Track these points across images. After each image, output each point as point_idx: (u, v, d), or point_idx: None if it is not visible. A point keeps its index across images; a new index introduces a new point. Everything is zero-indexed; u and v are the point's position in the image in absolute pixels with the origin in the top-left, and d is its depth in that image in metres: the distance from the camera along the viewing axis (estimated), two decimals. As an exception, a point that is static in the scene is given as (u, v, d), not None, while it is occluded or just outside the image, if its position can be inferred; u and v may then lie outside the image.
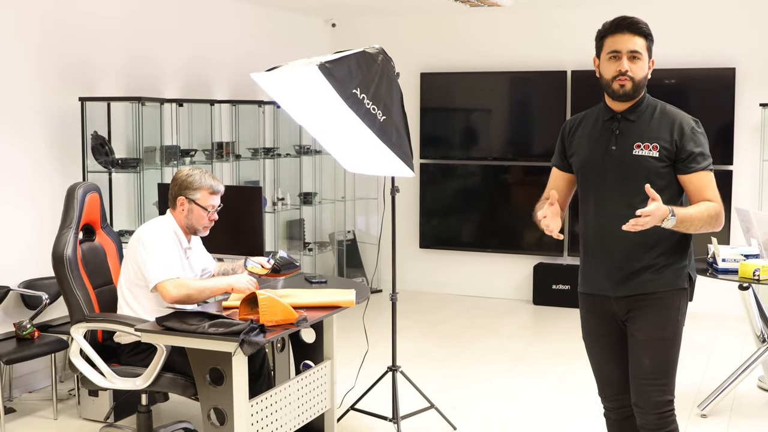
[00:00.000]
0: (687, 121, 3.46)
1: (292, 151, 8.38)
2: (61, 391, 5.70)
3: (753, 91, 7.87)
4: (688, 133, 3.42)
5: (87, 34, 6.31)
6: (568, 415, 5.53)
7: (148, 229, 4.46)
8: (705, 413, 5.38)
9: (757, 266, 5.06)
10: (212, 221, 4.56)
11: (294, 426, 4.38)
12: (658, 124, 3.47)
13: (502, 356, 6.83)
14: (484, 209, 9.10)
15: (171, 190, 4.54)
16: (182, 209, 4.50)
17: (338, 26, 9.40)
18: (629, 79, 3.42)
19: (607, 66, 3.49)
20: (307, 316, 4.06)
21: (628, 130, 3.49)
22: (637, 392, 3.53)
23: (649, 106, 3.52)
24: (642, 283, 3.47)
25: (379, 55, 4.59)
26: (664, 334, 3.48)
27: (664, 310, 3.47)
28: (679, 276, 3.49)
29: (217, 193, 4.55)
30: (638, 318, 3.50)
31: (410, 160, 4.72)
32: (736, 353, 6.40)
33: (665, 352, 3.49)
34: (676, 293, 3.48)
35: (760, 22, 7.88)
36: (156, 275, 4.28)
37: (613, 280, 3.51)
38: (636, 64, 3.44)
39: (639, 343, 3.50)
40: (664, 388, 3.50)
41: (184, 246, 4.54)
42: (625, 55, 3.43)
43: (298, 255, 8.52)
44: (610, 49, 3.47)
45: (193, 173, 4.53)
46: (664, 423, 3.50)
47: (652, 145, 3.42)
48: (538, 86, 8.80)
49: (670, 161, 3.43)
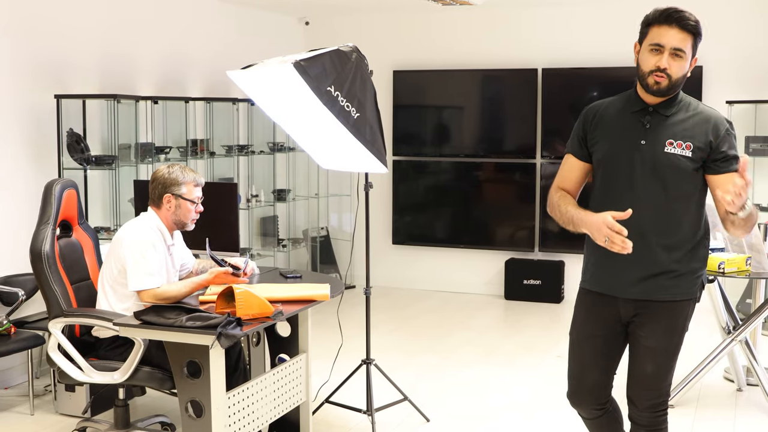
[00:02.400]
0: (722, 121, 3.32)
1: (266, 148, 8.43)
2: (37, 387, 5.73)
3: (719, 89, 8.02)
4: (723, 134, 3.28)
5: (62, 32, 6.33)
6: (539, 406, 5.63)
7: (133, 230, 4.48)
8: (672, 403, 5.48)
9: (722, 259, 5.17)
10: (198, 213, 4.62)
11: (270, 418, 4.45)
12: (693, 122, 3.31)
13: (474, 350, 6.92)
14: (456, 205, 9.19)
15: (154, 189, 4.56)
16: (169, 206, 4.53)
17: (311, 24, 9.46)
18: (666, 77, 3.24)
19: (647, 58, 3.28)
20: (282, 310, 4.12)
21: (659, 126, 3.33)
22: (634, 392, 3.50)
23: (683, 103, 3.36)
24: (657, 288, 3.35)
25: (353, 53, 4.66)
26: (670, 344, 3.42)
27: (674, 319, 3.39)
28: (694, 284, 3.39)
29: (199, 185, 4.62)
30: (646, 325, 3.40)
31: (384, 156, 4.80)
32: (702, 345, 6.51)
33: (669, 361, 3.46)
34: (688, 303, 3.40)
35: (726, 21, 8.03)
36: (137, 283, 4.33)
37: (628, 280, 3.38)
38: (677, 62, 3.25)
39: (644, 349, 3.44)
40: (661, 391, 3.49)
41: (168, 243, 4.59)
42: (668, 51, 3.24)
43: (272, 251, 8.58)
44: (653, 41, 3.26)
45: (173, 170, 4.57)
46: (656, 421, 3.51)
47: (685, 144, 3.28)
48: (510, 84, 8.90)
49: (701, 162, 3.30)
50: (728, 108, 7.84)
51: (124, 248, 4.39)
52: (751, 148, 7.83)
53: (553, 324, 7.81)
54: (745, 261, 5.22)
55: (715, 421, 5.31)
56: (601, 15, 8.34)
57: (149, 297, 4.32)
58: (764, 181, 7.81)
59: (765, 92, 7.94)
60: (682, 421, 5.28)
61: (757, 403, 5.57)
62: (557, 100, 8.64)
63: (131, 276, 4.34)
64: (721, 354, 5.62)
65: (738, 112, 7.94)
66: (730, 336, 5.58)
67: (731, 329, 5.63)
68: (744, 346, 5.56)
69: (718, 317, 5.69)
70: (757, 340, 5.89)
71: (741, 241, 5.33)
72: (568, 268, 8.63)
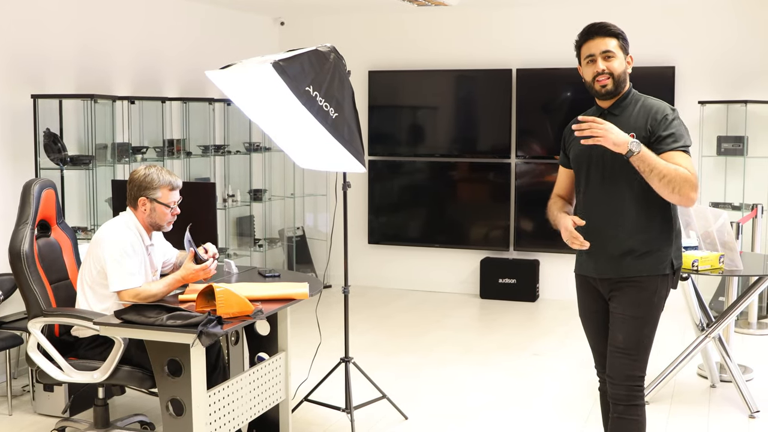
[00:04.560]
0: (663, 109, 3.65)
1: (242, 148, 8.44)
2: (15, 387, 5.71)
3: (692, 89, 8.11)
4: (659, 119, 3.61)
5: (38, 31, 6.32)
6: (515, 403, 5.67)
7: (112, 231, 4.47)
8: (647, 400, 5.51)
9: (696, 257, 5.23)
10: (175, 216, 4.61)
11: (249, 417, 4.47)
12: (637, 114, 3.67)
13: (450, 348, 6.97)
14: (432, 205, 9.23)
15: (130, 191, 4.55)
16: (144, 209, 4.52)
17: (287, 24, 9.47)
18: (608, 76, 3.65)
19: (587, 70, 3.72)
20: (262, 309, 4.15)
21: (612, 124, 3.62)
22: (610, 364, 3.76)
23: (632, 101, 3.74)
24: (624, 267, 3.67)
25: (331, 53, 4.69)
26: (637, 312, 3.68)
27: (640, 291, 3.67)
28: (661, 262, 3.67)
29: (176, 189, 4.58)
30: (616, 298, 3.72)
31: (361, 155, 4.83)
32: (676, 342, 6.59)
33: (638, 330, 3.69)
34: (655, 279, 3.67)
35: (698, 22, 8.13)
36: (118, 283, 4.34)
37: (597, 263, 3.74)
38: (611, 62, 3.66)
39: (614, 319, 3.73)
40: (634, 363, 3.72)
41: (146, 244, 4.59)
42: (599, 57, 3.66)
43: (249, 251, 8.59)
44: (585, 55, 3.71)
45: (149, 172, 4.54)
46: (633, 396, 3.73)
47: (629, 134, 3.55)
48: (484, 84, 8.95)
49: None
50: (700, 108, 7.94)
51: (104, 249, 4.39)
52: (723, 148, 7.93)
53: (528, 322, 7.87)
54: (719, 259, 5.29)
55: (689, 417, 5.38)
56: (575, 16, 8.40)
57: (129, 297, 4.32)
58: (736, 180, 7.92)
59: (736, 92, 8.03)
60: (657, 416, 5.34)
61: (731, 399, 5.64)
62: (532, 101, 8.71)
63: (111, 276, 4.35)
64: (695, 351, 5.68)
65: (710, 112, 8.04)
66: (704, 333, 5.64)
67: (705, 326, 5.69)
68: (717, 343, 5.63)
69: (691, 314, 5.76)
70: (730, 337, 5.97)
71: (714, 239, 5.41)
72: (543, 267, 8.70)
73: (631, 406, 3.73)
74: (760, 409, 5.38)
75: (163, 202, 4.52)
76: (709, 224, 5.41)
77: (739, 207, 7.79)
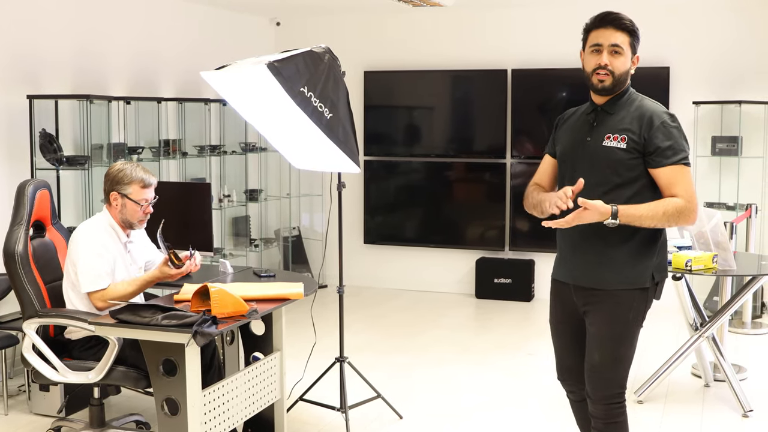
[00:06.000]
0: (659, 114, 3.47)
1: (238, 148, 8.45)
2: (11, 387, 5.72)
3: (686, 90, 8.14)
4: (657, 126, 3.43)
5: (34, 32, 6.32)
6: (510, 403, 5.69)
7: (83, 230, 4.48)
8: (641, 399, 5.57)
9: (689, 257, 5.25)
10: (147, 214, 4.57)
11: (244, 416, 4.48)
12: (631, 116, 3.49)
13: (445, 348, 6.98)
14: (427, 205, 9.24)
15: (104, 185, 4.57)
16: (116, 204, 4.52)
17: (283, 25, 9.48)
18: (609, 73, 3.48)
19: (589, 59, 3.53)
20: (257, 308, 4.16)
21: (603, 123, 3.53)
22: (587, 381, 3.62)
23: (629, 100, 3.56)
24: (599, 277, 3.51)
25: (325, 54, 4.70)
26: (613, 330, 3.52)
27: (615, 307, 3.50)
28: (640, 275, 3.50)
29: (149, 186, 4.55)
30: (591, 312, 3.56)
31: (356, 156, 4.84)
32: (670, 341, 6.60)
33: (614, 349, 3.54)
34: (631, 293, 3.50)
35: (692, 23, 8.15)
36: (86, 285, 4.37)
37: (574, 269, 3.59)
38: (617, 59, 3.49)
39: (590, 337, 3.58)
40: (611, 382, 3.57)
41: (123, 240, 4.58)
42: (606, 49, 3.49)
43: (244, 251, 8.60)
44: (592, 43, 3.52)
45: (124, 168, 4.53)
46: (611, 414, 3.60)
47: (621, 136, 3.44)
48: (480, 85, 8.96)
49: (639, 153, 3.44)
50: (695, 109, 7.96)
51: (77, 250, 4.41)
52: (717, 148, 7.95)
53: (523, 322, 7.89)
54: (712, 259, 5.31)
55: (683, 416, 5.39)
56: (569, 17, 8.41)
57: (97, 299, 4.35)
58: (731, 181, 7.94)
59: (731, 93, 8.06)
60: (651, 416, 5.36)
61: (724, 399, 5.65)
62: (527, 101, 8.72)
63: (81, 278, 4.37)
64: (689, 350, 5.70)
65: (704, 112, 8.06)
66: (698, 333, 5.66)
67: (698, 326, 5.71)
68: (711, 342, 5.65)
69: (685, 314, 5.78)
70: (724, 336, 6.00)
71: (708, 239, 5.42)
72: (538, 267, 8.71)
73: (610, 424, 3.61)
74: (754, 409, 5.40)
75: (133, 198, 4.51)
76: (703, 224, 5.43)
77: (734, 207, 7.81)
